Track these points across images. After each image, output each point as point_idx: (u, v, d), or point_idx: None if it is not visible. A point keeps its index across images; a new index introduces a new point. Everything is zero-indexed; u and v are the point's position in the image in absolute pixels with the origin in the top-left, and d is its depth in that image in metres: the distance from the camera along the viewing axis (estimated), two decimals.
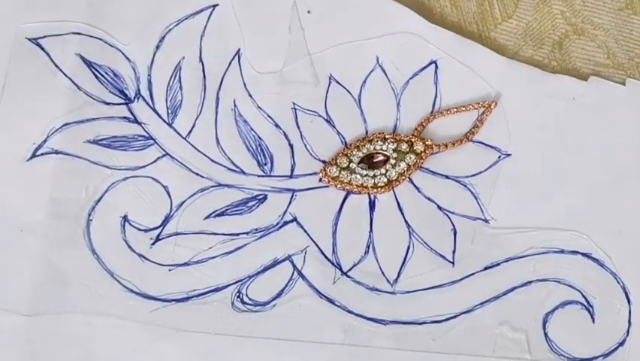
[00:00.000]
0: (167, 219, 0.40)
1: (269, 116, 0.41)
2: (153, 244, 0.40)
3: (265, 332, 0.39)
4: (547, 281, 0.39)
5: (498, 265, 0.39)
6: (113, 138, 0.41)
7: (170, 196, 0.40)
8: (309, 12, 0.42)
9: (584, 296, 0.39)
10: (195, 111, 0.41)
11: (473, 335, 0.39)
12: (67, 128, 0.41)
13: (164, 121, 0.41)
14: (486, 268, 0.39)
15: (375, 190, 0.40)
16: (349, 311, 0.39)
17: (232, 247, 0.40)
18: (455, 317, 0.39)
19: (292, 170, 0.40)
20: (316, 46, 0.41)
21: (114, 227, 0.40)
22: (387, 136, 0.40)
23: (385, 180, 0.40)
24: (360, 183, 0.40)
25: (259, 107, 0.41)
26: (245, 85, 0.41)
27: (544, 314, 0.39)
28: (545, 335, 0.39)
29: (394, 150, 0.40)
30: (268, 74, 0.41)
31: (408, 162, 0.40)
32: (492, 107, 0.40)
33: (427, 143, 0.40)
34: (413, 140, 0.40)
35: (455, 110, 0.40)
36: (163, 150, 0.41)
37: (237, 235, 0.40)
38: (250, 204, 0.40)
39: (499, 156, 0.40)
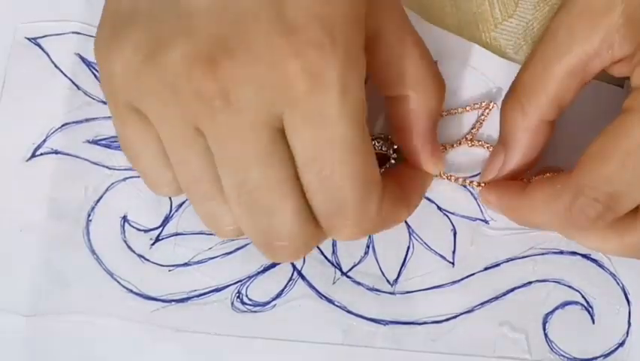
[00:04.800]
0: (167, 220, 0.40)
1: None
2: (153, 244, 0.40)
3: (265, 332, 0.39)
4: (546, 282, 0.39)
5: (498, 265, 0.39)
6: (113, 137, 0.41)
7: (169, 196, 0.40)
8: None
9: (583, 297, 0.39)
10: None
11: (473, 336, 0.39)
12: (67, 128, 0.41)
13: None
14: (486, 269, 0.39)
15: None
16: (349, 311, 0.39)
17: (232, 248, 0.40)
18: (455, 317, 0.39)
19: None
20: None
21: (114, 227, 0.40)
22: (387, 136, 0.40)
23: None
24: None
25: None
26: None
27: (544, 315, 0.39)
28: (545, 335, 0.39)
29: (394, 151, 0.40)
30: None
31: None
32: (490, 107, 0.40)
33: None
34: None
35: (454, 111, 0.40)
36: None
37: None
38: None
39: None
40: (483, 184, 0.39)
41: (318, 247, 0.40)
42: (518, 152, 0.37)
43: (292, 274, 0.39)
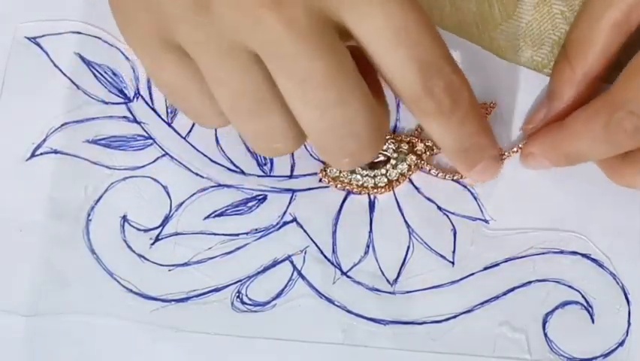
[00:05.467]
0: (166, 220, 0.40)
1: None
2: (153, 244, 0.40)
3: (265, 332, 0.39)
4: (546, 281, 0.39)
5: (497, 265, 0.39)
6: (113, 137, 0.41)
7: (169, 196, 0.40)
8: None
9: (583, 296, 0.39)
10: None
11: (473, 335, 0.39)
12: (67, 127, 0.41)
13: (164, 120, 0.41)
14: (486, 269, 0.39)
15: (375, 190, 0.40)
16: (349, 311, 0.39)
17: (232, 248, 0.40)
18: (455, 317, 0.39)
19: (292, 170, 0.40)
20: None
21: (114, 227, 0.40)
22: (387, 136, 0.40)
23: (386, 180, 0.40)
24: (361, 183, 0.40)
25: None
26: None
27: (544, 314, 0.39)
28: (545, 335, 0.39)
29: (395, 151, 0.40)
30: None
31: (409, 162, 0.40)
32: (491, 107, 0.40)
33: (427, 144, 0.40)
34: (414, 140, 0.40)
35: None
36: (162, 149, 0.41)
37: (237, 235, 0.40)
38: (250, 204, 0.40)
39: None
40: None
41: (317, 247, 0.40)
42: (562, 105, 0.38)
43: (292, 274, 0.39)
